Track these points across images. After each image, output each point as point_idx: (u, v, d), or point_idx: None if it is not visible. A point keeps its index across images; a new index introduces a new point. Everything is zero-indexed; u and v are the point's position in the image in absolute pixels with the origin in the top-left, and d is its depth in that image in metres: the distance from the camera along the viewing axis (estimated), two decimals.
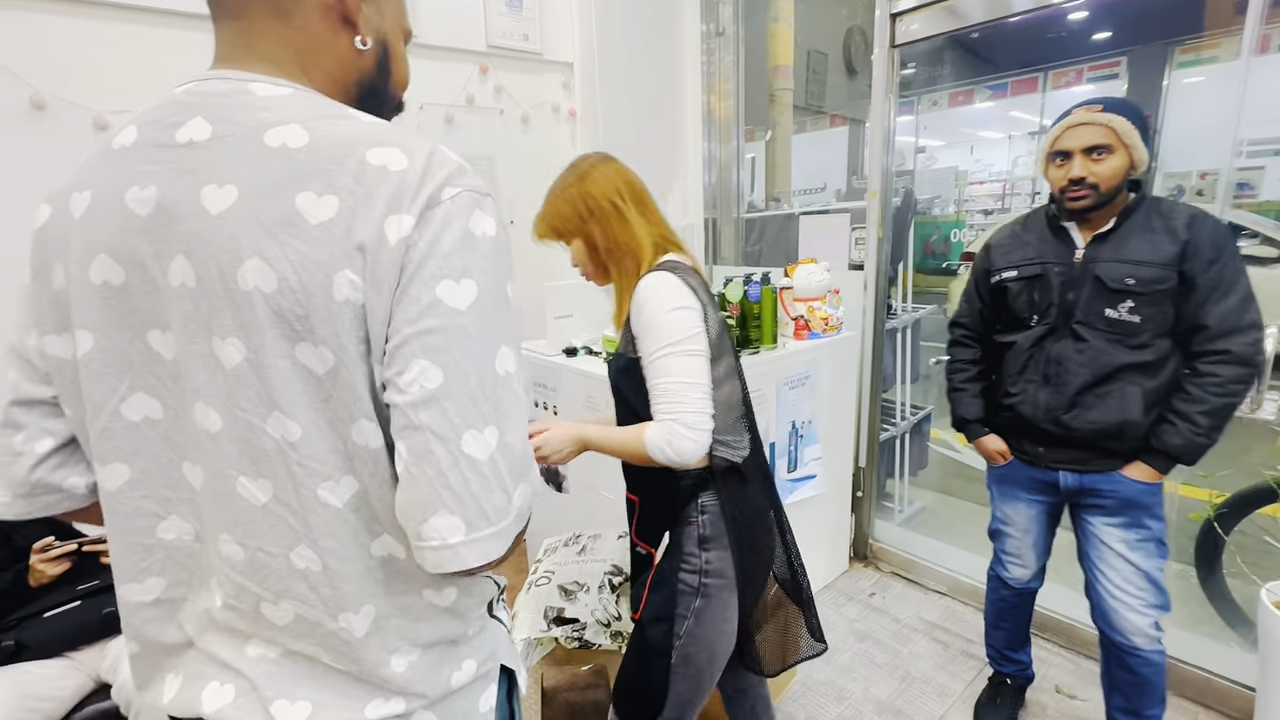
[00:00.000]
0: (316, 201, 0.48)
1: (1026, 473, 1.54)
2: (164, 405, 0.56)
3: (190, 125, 0.52)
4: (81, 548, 1.51)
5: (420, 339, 0.49)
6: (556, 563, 1.63)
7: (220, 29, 0.59)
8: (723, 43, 2.82)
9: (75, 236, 0.54)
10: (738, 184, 2.98)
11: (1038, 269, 1.43)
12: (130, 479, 0.57)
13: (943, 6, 2.05)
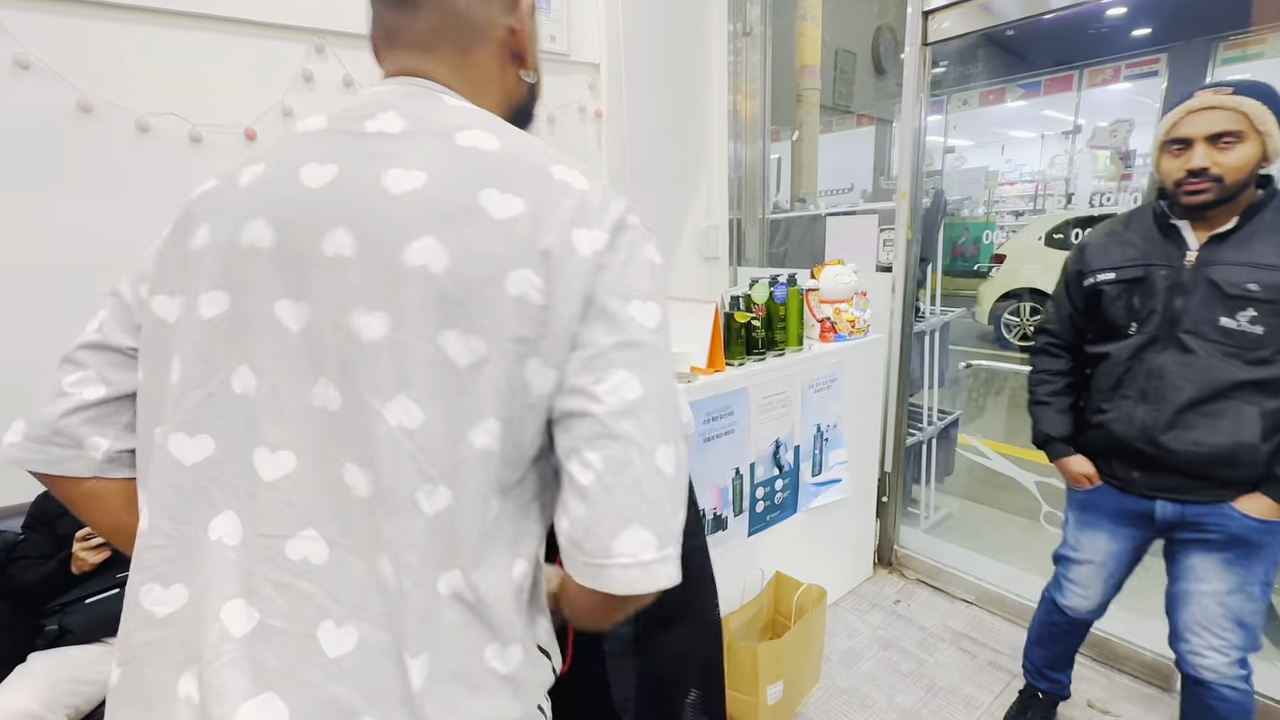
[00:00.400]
0: (500, 198, 0.49)
1: (1115, 501, 1.39)
2: (261, 381, 0.52)
3: (382, 118, 0.54)
4: None
5: (620, 351, 0.50)
6: None
7: (396, 56, 0.61)
8: (750, 42, 2.80)
9: (235, 201, 0.55)
10: (764, 184, 2.95)
11: (1140, 271, 1.28)
12: (211, 456, 0.53)
13: (977, 4, 2.01)
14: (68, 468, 0.59)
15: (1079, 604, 1.53)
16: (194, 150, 1.89)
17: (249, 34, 1.92)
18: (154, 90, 1.82)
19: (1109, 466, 1.39)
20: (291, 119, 2.01)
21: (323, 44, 2.03)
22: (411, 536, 0.49)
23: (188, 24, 1.83)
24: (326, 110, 0.58)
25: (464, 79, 0.60)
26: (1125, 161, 7.77)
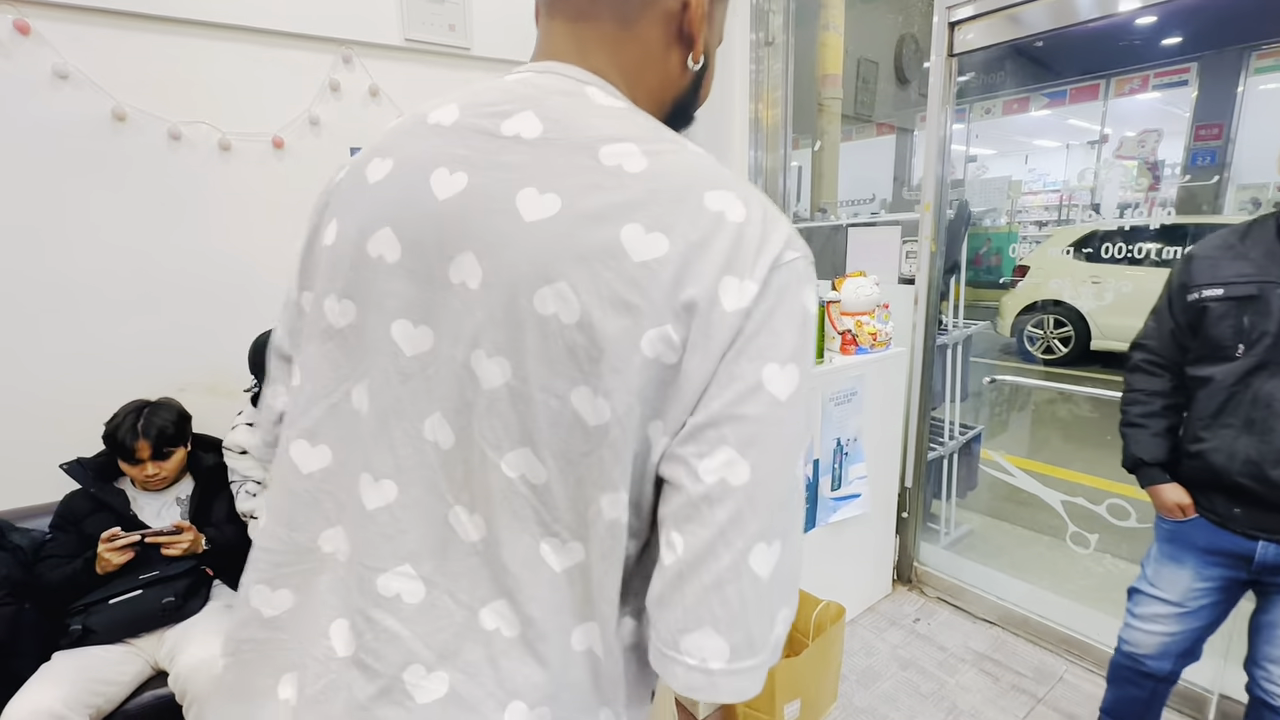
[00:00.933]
0: (644, 237, 0.42)
1: (1209, 536, 1.28)
2: (373, 403, 0.49)
3: (519, 118, 0.47)
4: (144, 539, 1.58)
5: (734, 425, 0.42)
6: None
7: (552, 27, 0.53)
8: (772, 51, 2.79)
9: (364, 202, 0.51)
10: (784, 193, 2.93)
11: (1253, 289, 1.18)
12: (327, 467, 0.52)
13: (1004, 15, 1.99)
14: None
15: (1140, 641, 1.40)
16: (223, 158, 1.93)
17: (278, 44, 1.96)
18: (186, 99, 1.85)
19: (1207, 500, 1.29)
20: (318, 127, 2.04)
21: (350, 54, 2.06)
22: (539, 589, 0.45)
23: (219, 34, 1.87)
24: (459, 98, 0.52)
25: (621, 59, 0.52)
26: (1153, 172, 7.60)
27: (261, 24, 1.91)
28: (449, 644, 0.46)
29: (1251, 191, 6.82)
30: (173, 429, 1.69)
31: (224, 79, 1.90)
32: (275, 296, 2.03)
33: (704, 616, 0.42)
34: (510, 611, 0.45)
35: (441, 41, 2.18)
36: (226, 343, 1.99)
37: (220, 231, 1.95)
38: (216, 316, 1.98)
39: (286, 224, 2.04)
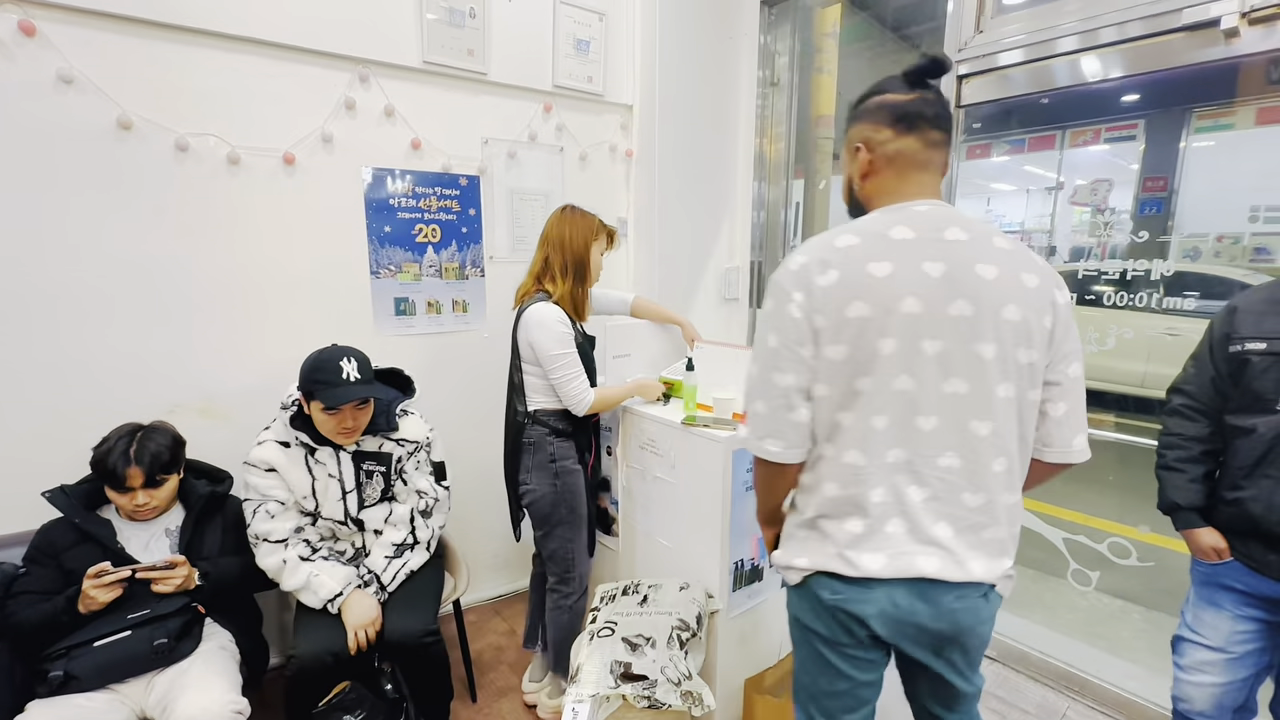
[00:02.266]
0: (1030, 277, 0.95)
1: (1246, 580, 1.31)
2: (915, 381, 0.93)
3: (950, 231, 0.95)
4: (135, 574, 1.46)
5: (1074, 352, 0.99)
6: (617, 613, 1.58)
7: (923, 179, 1.01)
8: (776, 91, 2.87)
9: (882, 286, 0.92)
10: (785, 225, 2.99)
11: None
12: (885, 425, 0.94)
13: (998, 74, 2.10)
14: (795, 456, 1.00)
15: (1191, 695, 1.40)
16: (231, 172, 1.86)
17: (294, 59, 1.91)
18: (195, 110, 1.79)
19: (1244, 546, 1.31)
20: (331, 145, 1.99)
21: (367, 73, 2.02)
22: (1014, 450, 0.98)
23: (233, 46, 1.82)
24: (905, 221, 0.96)
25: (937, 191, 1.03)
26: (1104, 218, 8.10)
27: (277, 38, 1.86)
28: (981, 481, 0.96)
29: (1194, 240, 7.32)
30: (168, 455, 1.58)
31: (236, 92, 1.84)
32: (277, 315, 1.95)
33: (1080, 427, 1.02)
34: (1005, 461, 0.97)
35: (460, 66, 2.17)
36: (221, 363, 1.90)
37: (223, 247, 1.87)
38: (212, 335, 1.88)
39: (294, 242, 1.97)
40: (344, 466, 1.67)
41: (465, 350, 2.37)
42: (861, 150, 1.02)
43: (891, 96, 1.00)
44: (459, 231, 2.29)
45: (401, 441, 1.73)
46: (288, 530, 1.62)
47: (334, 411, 1.57)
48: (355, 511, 1.69)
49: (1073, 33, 1.88)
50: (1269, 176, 3.77)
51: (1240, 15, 1.56)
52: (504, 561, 2.65)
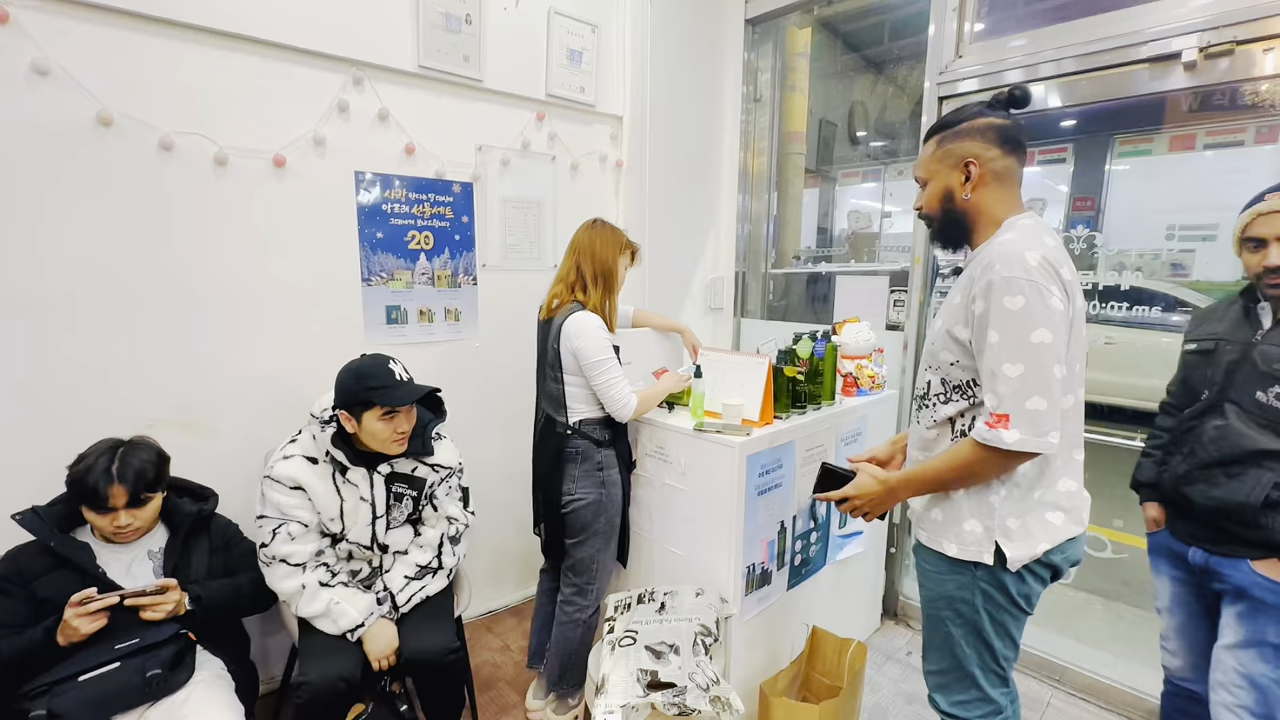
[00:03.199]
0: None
1: (1165, 541, 1.52)
2: (1071, 367, 1.11)
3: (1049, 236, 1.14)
4: (123, 601, 1.36)
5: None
6: (636, 621, 1.57)
7: (1018, 192, 1.21)
8: (759, 107, 2.96)
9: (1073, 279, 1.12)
10: (766, 236, 3.07)
11: (1211, 345, 1.42)
12: (1073, 403, 1.14)
13: (976, 98, 2.23)
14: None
15: (1167, 662, 1.58)
16: (218, 174, 1.77)
17: (285, 59, 1.85)
18: (180, 109, 1.70)
19: (1168, 514, 1.53)
20: (323, 148, 1.93)
21: (361, 76, 1.97)
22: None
23: (222, 43, 1.75)
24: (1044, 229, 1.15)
25: None
26: None
27: (269, 36, 1.80)
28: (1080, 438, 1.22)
29: (1118, 257, 7.91)
30: (153, 471, 1.48)
31: (225, 90, 1.76)
32: (264, 324, 1.86)
33: None
34: None
35: (455, 71, 2.14)
36: (204, 374, 1.80)
37: (207, 251, 1.77)
38: (195, 344, 1.78)
39: (283, 247, 1.89)
40: (377, 489, 1.59)
41: (458, 360, 2.32)
42: (974, 165, 1.16)
43: (996, 120, 1.17)
44: (452, 239, 2.25)
45: (436, 467, 1.68)
46: (308, 554, 1.53)
47: (391, 415, 1.51)
48: (383, 536, 1.62)
49: (1047, 60, 2.01)
50: (1182, 198, 4.14)
51: (1199, 50, 1.71)
52: (494, 576, 2.59)
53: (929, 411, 1.26)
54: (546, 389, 1.82)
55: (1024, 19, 2.21)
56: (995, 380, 1.07)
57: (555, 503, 1.78)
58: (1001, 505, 1.16)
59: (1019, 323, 1.04)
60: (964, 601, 1.21)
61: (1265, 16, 1.63)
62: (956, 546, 1.20)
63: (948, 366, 1.19)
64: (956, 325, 1.15)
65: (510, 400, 2.44)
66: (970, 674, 1.24)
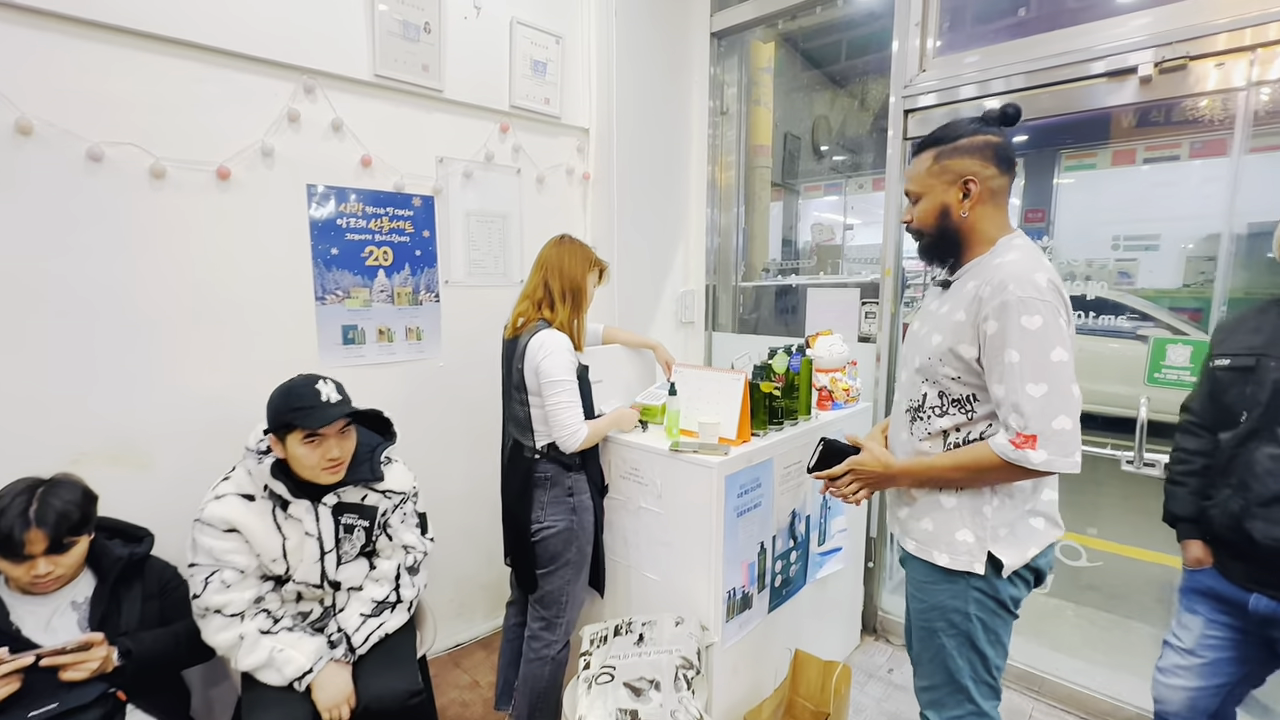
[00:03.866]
0: None
1: (1214, 583, 1.36)
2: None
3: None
4: (39, 661, 1.22)
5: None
6: (614, 656, 1.49)
7: (1007, 210, 1.22)
8: (726, 120, 2.95)
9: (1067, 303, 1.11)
10: (736, 250, 3.05)
11: (1252, 360, 1.27)
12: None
13: (943, 110, 2.25)
14: None
15: (1163, 696, 1.46)
16: (154, 186, 1.65)
17: (229, 65, 1.74)
18: (111, 117, 1.58)
19: (1216, 551, 1.37)
20: (272, 159, 1.82)
21: (313, 84, 1.87)
22: None
23: (156, 48, 1.63)
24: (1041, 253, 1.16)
25: None
26: None
27: (211, 42, 1.69)
28: None
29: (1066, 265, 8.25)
30: (77, 513, 1.33)
31: (161, 99, 1.64)
32: (208, 346, 1.73)
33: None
34: None
35: (414, 81, 2.06)
36: (140, 401, 1.66)
37: (143, 268, 1.64)
38: (129, 369, 1.64)
39: (228, 264, 1.77)
40: (323, 522, 1.45)
41: (420, 381, 2.22)
42: (974, 183, 1.16)
43: (994, 137, 1.16)
44: (412, 254, 2.15)
45: (388, 493, 1.55)
46: (246, 601, 1.39)
47: (315, 440, 1.37)
48: (334, 572, 1.49)
49: (1012, 73, 2.04)
50: (1124, 210, 4.31)
51: (1154, 65, 1.75)
52: (461, 607, 2.46)
53: (923, 424, 1.24)
54: (512, 412, 1.73)
55: (985, 35, 2.25)
56: (1019, 400, 1.06)
57: (524, 531, 1.69)
58: (994, 515, 1.17)
59: (1038, 342, 1.04)
60: (956, 611, 1.20)
61: (1215, 33, 1.68)
62: (948, 557, 1.19)
63: (947, 381, 1.18)
64: (961, 343, 1.14)
65: (476, 421, 2.34)
66: (964, 687, 1.23)
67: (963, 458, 1.15)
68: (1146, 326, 4.89)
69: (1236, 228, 1.81)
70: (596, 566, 1.80)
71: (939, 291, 1.32)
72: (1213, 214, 3.52)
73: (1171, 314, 3.96)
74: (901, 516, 1.30)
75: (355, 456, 1.49)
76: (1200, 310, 4.82)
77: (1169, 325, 3.01)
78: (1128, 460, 1.88)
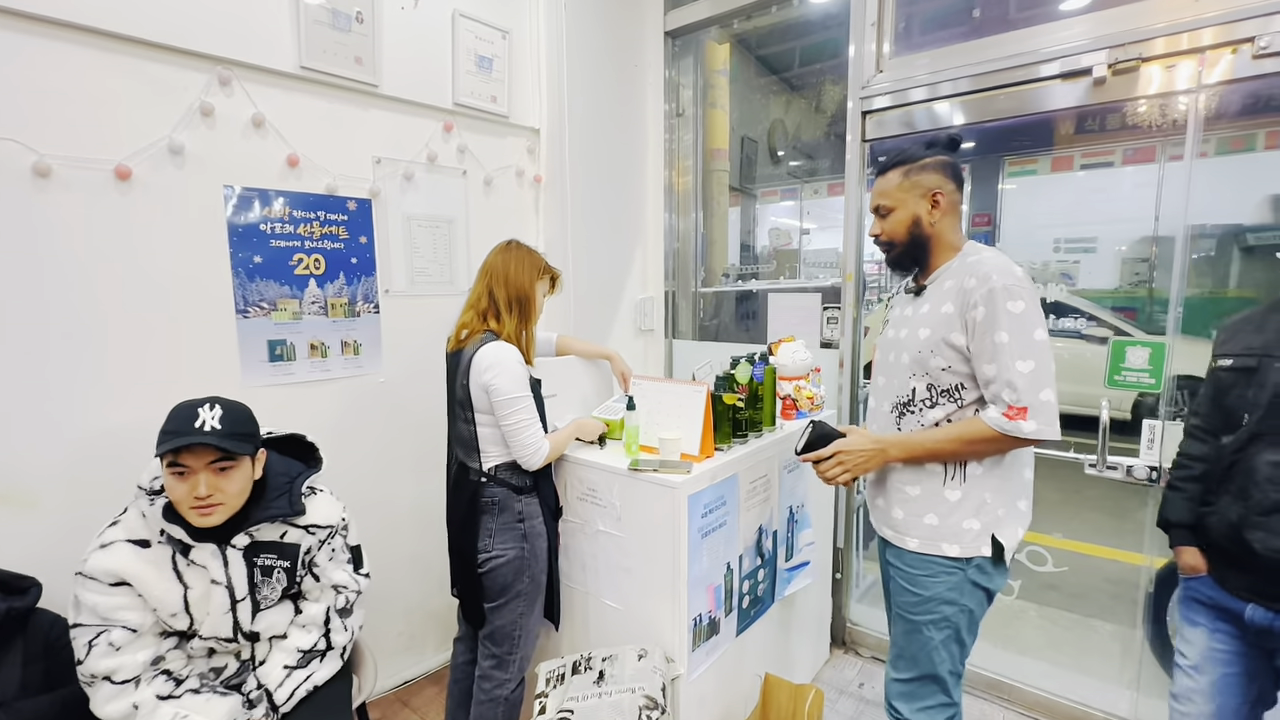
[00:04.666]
0: None
1: (1211, 592, 1.32)
2: None
3: None
4: None
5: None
6: (571, 698, 1.37)
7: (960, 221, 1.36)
8: (682, 123, 2.87)
9: None
10: (696, 255, 2.98)
11: (1254, 361, 1.24)
12: None
13: (896, 113, 2.22)
14: None
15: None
16: (37, 187, 1.46)
17: (129, 53, 1.56)
18: (54, 122, 1.39)
19: (1212, 559, 1.33)
20: (181, 158, 1.64)
21: (229, 76, 1.70)
22: None
23: (41, 30, 1.44)
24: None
25: None
26: None
27: (110, 26, 1.50)
28: None
29: None
30: None
31: (47, 88, 1.45)
32: (106, 366, 1.53)
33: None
34: None
35: (345, 75, 1.90)
36: (25, 431, 1.45)
37: (25, 279, 1.44)
38: (11, 395, 1.44)
39: (132, 273, 1.58)
40: (233, 567, 1.27)
41: (359, 398, 2.05)
42: (941, 195, 1.30)
43: (948, 157, 1.33)
44: (347, 262, 1.98)
45: (311, 528, 1.36)
46: (141, 664, 1.19)
47: (181, 472, 1.16)
48: (249, 623, 1.30)
49: (965, 75, 2.02)
50: (1064, 214, 4.43)
51: (1108, 66, 1.75)
52: (410, 640, 2.29)
53: (914, 417, 1.32)
54: (457, 431, 1.59)
55: (941, 38, 2.24)
56: (1012, 376, 1.15)
57: (470, 561, 1.55)
58: (993, 498, 1.26)
59: (1024, 324, 1.15)
60: (950, 603, 1.28)
61: (1168, 34, 1.69)
62: (959, 547, 1.27)
63: (938, 372, 1.27)
64: (952, 332, 1.24)
65: (422, 439, 2.18)
66: (941, 679, 1.31)
67: (960, 432, 1.23)
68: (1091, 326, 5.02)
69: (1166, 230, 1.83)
70: (551, 596, 1.67)
71: (909, 298, 1.40)
72: (1145, 217, 3.63)
73: (1114, 314, 4.08)
74: (899, 518, 1.34)
75: (271, 487, 1.32)
76: (1135, 309, 5.01)
77: (1113, 326, 3.07)
78: (1090, 464, 1.87)
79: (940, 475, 1.27)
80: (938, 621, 1.29)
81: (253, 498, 1.29)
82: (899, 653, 1.36)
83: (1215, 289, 3.09)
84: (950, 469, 1.26)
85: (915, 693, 1.33)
